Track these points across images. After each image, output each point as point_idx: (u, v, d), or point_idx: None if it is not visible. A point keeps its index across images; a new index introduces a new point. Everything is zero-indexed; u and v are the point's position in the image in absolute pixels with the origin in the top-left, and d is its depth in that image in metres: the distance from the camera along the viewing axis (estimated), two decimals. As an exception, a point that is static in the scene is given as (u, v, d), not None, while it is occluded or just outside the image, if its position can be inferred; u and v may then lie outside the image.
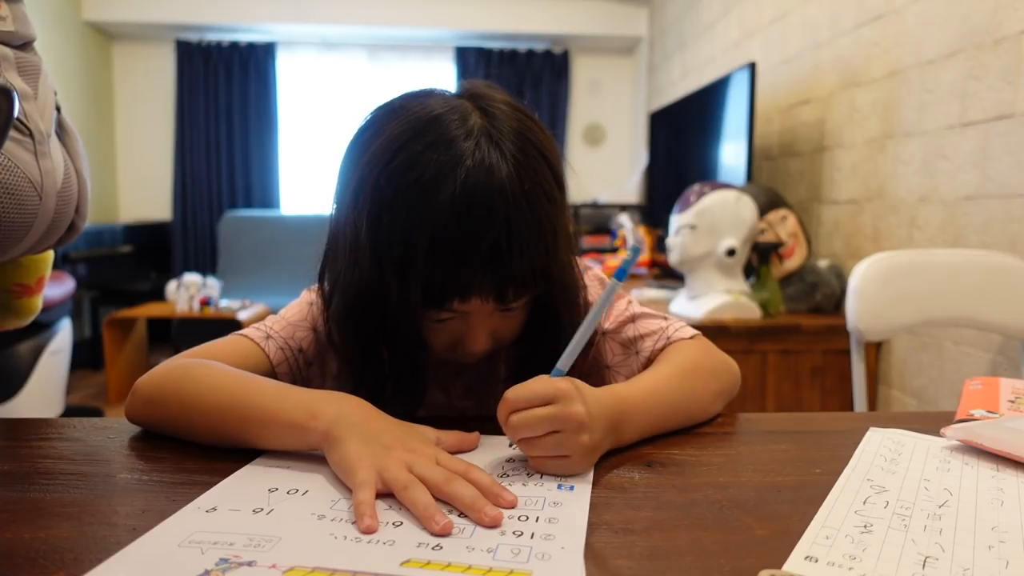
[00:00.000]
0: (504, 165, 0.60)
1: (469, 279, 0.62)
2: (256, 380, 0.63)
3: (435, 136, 0.61)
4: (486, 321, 0.67)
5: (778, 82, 2.56)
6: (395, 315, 0.64)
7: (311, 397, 0.59)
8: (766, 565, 0.41)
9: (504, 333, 0.70)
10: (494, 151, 0.61)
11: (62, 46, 4.20)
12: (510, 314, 0.68)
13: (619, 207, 4.07)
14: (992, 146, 1.50)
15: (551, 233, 0.63)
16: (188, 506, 0.49)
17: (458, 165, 0.59)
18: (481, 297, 0.63)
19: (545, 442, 0.54)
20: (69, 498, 0.51)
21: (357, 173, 0.64)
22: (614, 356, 0.78)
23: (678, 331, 0.76)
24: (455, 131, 0.61)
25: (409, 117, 0.62)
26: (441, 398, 0.79)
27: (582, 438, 0.54)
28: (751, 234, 1.92)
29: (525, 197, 0.61)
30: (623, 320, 0.78)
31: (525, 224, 0.61)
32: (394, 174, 0.60)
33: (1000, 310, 1.27)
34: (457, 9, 4.54)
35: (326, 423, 0.55)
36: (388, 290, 0.63)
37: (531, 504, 0.49)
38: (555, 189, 0.65)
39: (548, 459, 0.54)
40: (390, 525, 0.46)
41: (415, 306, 0.63)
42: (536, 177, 0.62)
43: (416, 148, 0.60)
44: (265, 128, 4.83)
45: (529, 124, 0.65)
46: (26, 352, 2.59)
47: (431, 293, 0.62)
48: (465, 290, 0.62)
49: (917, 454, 0.60)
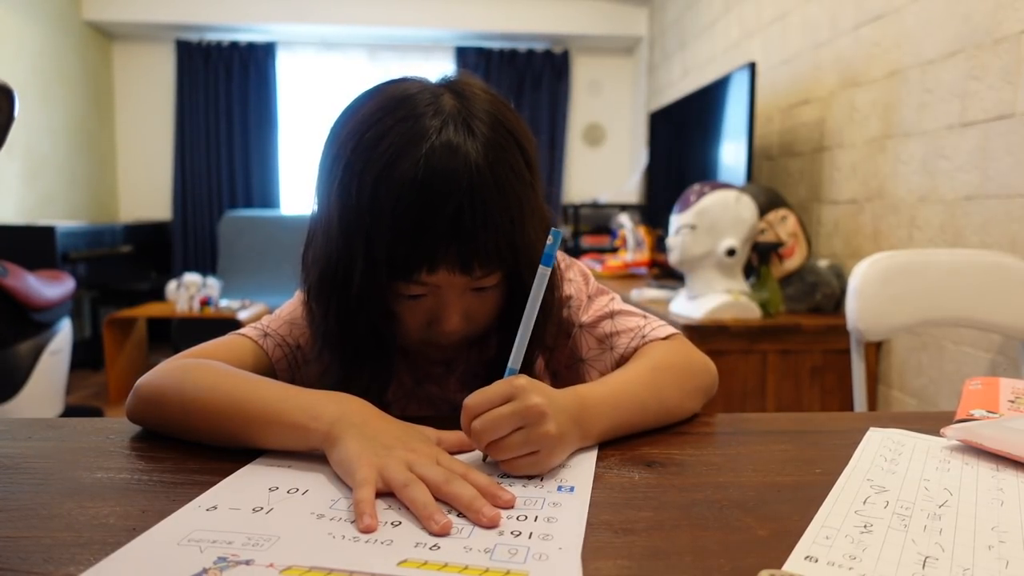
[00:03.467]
0: (471, 141, 0.62)
1: (433, 248, 0.62)
2: (256, 380, 0.63)
3: (405, 112, 0.63)
4: (459, 300, 0.67)
5: (778, 82, 2.56)
6: (361, 286, 0.65)
7: (312, 398, 0.59)
8: (766, 565, 0.41)
9: (478, 315, 0.69)
10: (462, 127, 0.62)
11: (62, 46, 4.20)
12: (483, 295, 0.68)
13: (619, 207, 4.07)
14: (992, 146, 1.50)
15: (517, 208, 0.64)
16: (188, 505, 0.49)
17: (425, 138, 0.61)
18: (447, 268, 0.63)
19: (512, 441, 0.54)
20: (68, 498, 0.51)
21: (333, 151, 0.66)
22: (590, 350, 0.78)
23: (655, 330, 0.76)
24: (424, 108, 0.63)
25: (384, 97, 0.65)
26: (436, 391, 0.79)
27: (547, 428, 0.54)
28: (751, 234, 1.92)
29: (490, 169, 0.62)
30: (601, 315, 0.78)
31: (489, 196, 0.62)
32: (364, 147, 0.62)
33: (1000, 310, 1.27)
34: (457, 9, 4.53)
35: (327, 424, 0.55)
36: (354, 260, 0.64)
37: (530, 504, 0.49)
38: (524, 169, 0.66)
39: (519, 459, 0.54)
40: (388, 525, 0.46)
41: (381, 276, 0.64)
42: (503, 154, 0.63)
43: (387, 123, 0.62)
44: (265, 128, 4.83)
45: (502, 108, 0.67)
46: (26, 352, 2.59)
47: (397, 263, 0.63)
48: (430, 260, 0.63)
49: (917, 454, 0.60)
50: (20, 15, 3.84)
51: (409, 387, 0.80)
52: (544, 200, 0.70)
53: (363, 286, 0.65)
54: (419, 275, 0.64)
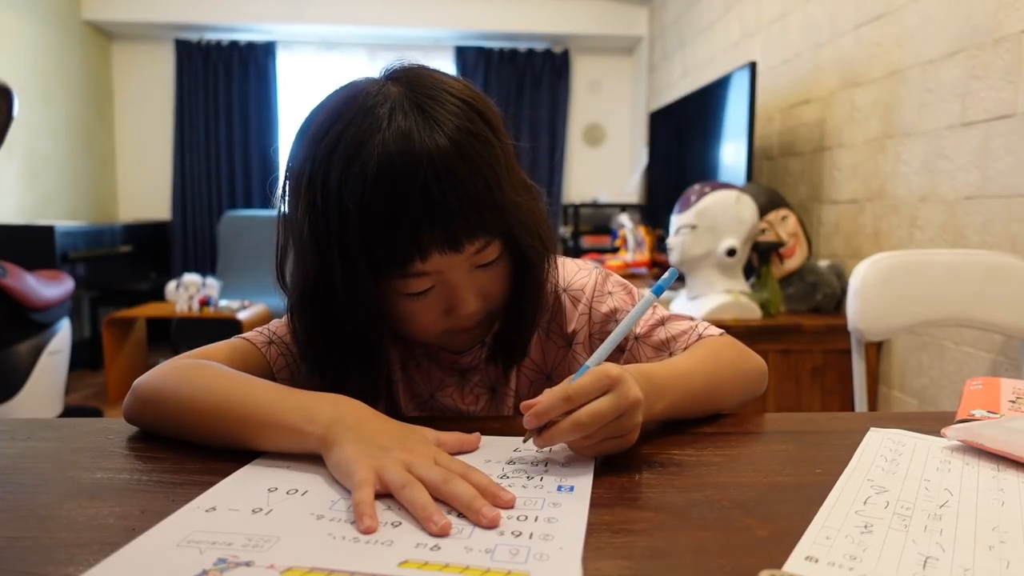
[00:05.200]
0: (424, 121, 0.61)
1: (416, 234, 0.61)
2: (253, 382, 0.63)
3: (355, 110, 0.62)
4: (467, 279, 0.66)
5: (778, 82, 2.56)
6: (345, 295, 0.64)
7: (308, 400, 0.59)
8: (766, 565, 0.41)
9: (490, 289, 0.69)
10: (412, 110, 0.62)
11: (62, 45, 4.20)
12: (490, 270, 0.68)
13: (619, 207, 4.07)
14: (993, 146, 1.50)
15: (488, 171, 0.63)
16: (188, 505, 0.48)
17: (376, 130, 0.61)
18: (438, 249, 0.62)
19: (604, 430, 0.55)
20: (68, 498, 0.51)
21: (294, 168, 0.66)
22: (648, 359, 0.79)
23: (707, 329, 0.78)
24: (372, 101, 0.63)
25: (332, 103, 0.65)
26: (450, 402, 0.79)
27: (638, 418, 0.56)
28: (751, 234, 1.92)
29: (451, 142, 0.61)
30: (653, 324, 0.79)
31: (455, 168, 0.61)
32: (323, 156, 0.62)
33: (1001, 310, 1.27)
34: (457, 9, 4.53)
35: (323, 427, 0.55)
36: (332, 270, 0.63)
37: (530, 504, 0.49)
38: (487, 131, 0.64)
39: (603, 443, 0.55)
40: (388, 525, 0.46)
41: (365, 281, 0.63)
42: (462, 123, 0.62)
43: (339, 127, 0.62)
44: (265, 128, 4.83)
45: (451, 82, 0.66)
46: (25, 352, 2.59)
47: (384, 259, 0.62)
48: (417, 246, 0.61)
49: (918, 454, 0.60)
50: (20, 15, 3.84)
51: (424, 398, 0.79)
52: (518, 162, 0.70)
53: (347, 296, 0.64)
54: (413, 265, 0.63)
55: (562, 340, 0.81)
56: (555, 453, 0.59)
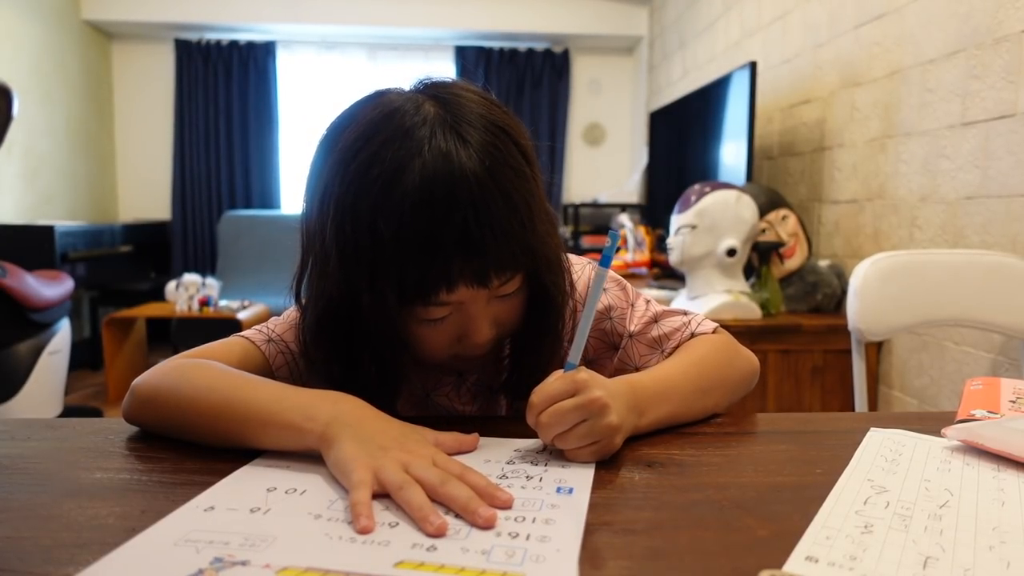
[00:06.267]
0: (463, 147, 0.59)
1: (447, 266, 0.60)
2: (253, 380, 0.63)
3: (391, 131, 0.60)
4: (485, 309, 0.65)
5: (778, 82, 2.56)
6: (370, 321, 0.63)
7: (308, 398, 0.59)
8: (766, 565, 0.41)
9: (505, 318, 0.68)
10: (451, 135, 0.59)
11: (61, 45, 4.20)
12: (507, 300, 0.67)
13: (619, 207, 4.07)
14: (993, 146, 1.50)
15: (524, 207, 0.62)
16: (186, 505, 0.49)
17: (416, 155, 0.58)
18: (465, 283, 0.61)
19: (577, 432, 0.56)
20: (67, 498, 0.50)
21: (320, 184, 0.63)
22: (642, 357, 0.79)
23: (700, 325, 0.79)
24: (410, 121, 0.60)
25: (365, 120, 0.62)
26: (446, 403, 0.79)
27: (610, 419, 0.57)
28: (751, 234, 1.92)
29: (489, 173, 0.59)
30: (647, 321, 0.79)
31: (493, 201, 0.59)
32: (355, 177, 0.60)
33: (1001, 310, 1.27)
34: (457, 9, 4.53)
35: (322, 425, 0.55)
36: (358, 295, 0.62)
37: (528, 506, 0.49)
38: (522, 163, 0.63)
39: (582, 449, 0.57)
40: (386, 526, 0.46)
41: (392, 307, 0.62)
42: (499, 154, 0.61)
43: (373, 147, 0.59)
44: (265, 128, 4.83)
45: (487, 104, 0.64)
46: (25, 352, 2.59)
47: (410, 290, 0.61)
48: (446, 278, 0.60)
49: (918, 454, 0.59)
50: (19, 15, 3.84)
51: (419, 397, 0.79)
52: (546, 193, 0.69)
53: (371, 320, 0.63)
54: (438, 296, 0.62)
55: None
56: (556, 454, 0.59)
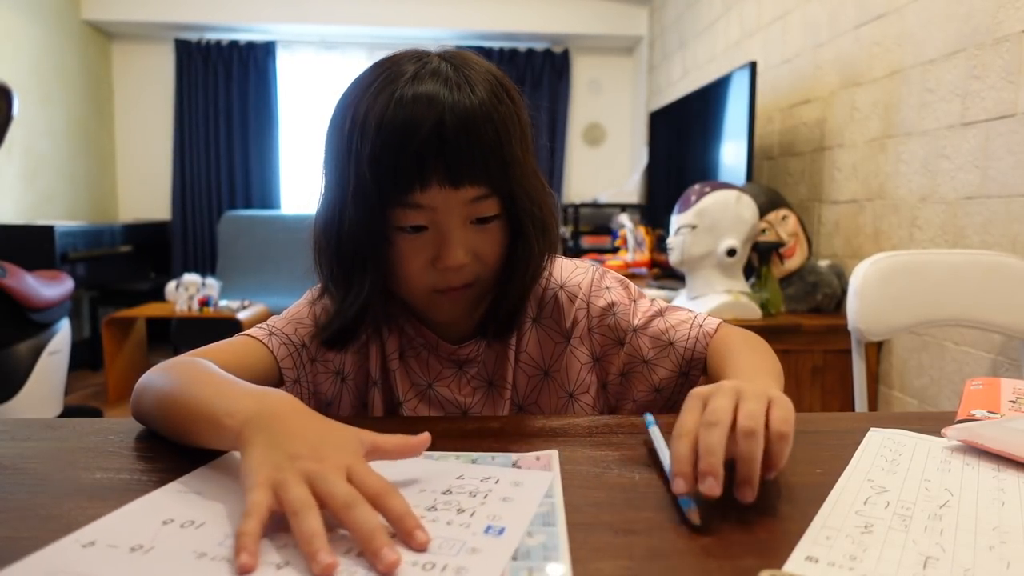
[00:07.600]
0: (457, 75, 0.66)
1: (421, 158, 0.64)
2: (210, 377, 0.60)
3: (395, 69, 0.67)
4: (459, 229, 0.68)
5: (778, 82, 2.56)
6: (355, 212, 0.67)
7: (237, 393, 0.55)
8: (766, 565, 0.41)
9: (482, 251, 0.70)
10: (449, 68, 0.67)
11: (61, 45, 4.20)
12: (485, 230, 0.69)
13: (619, 207, 4.07)
14: (993, 146, 1.50)
15: (502, 126, 0.66)
16: (67, 538, 0.44)
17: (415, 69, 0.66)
18: (438, 181, 0.65)
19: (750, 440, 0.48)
20: (68, 499, 0.50)
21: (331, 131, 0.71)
22: (649, 350, 0.80)
23: (707, 320, 0.81)
24: (414, 53, 0.69)
25: (376, 65, 0.70)
26: (447, 393, 0.79)
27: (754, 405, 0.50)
28: (751, 234, 1.92)
29: (472, 91, 0.66)
30: (651, 315, 0.81)
31: (472, 110, 0.65)
32: (357, 102, 0.67)
33: (1001, 310, 1.27)
34: (457, 9, 4.53)
35: (240, 422, 0.51)
36: (346, 190, 0.67)
37: (444, 549, 0.42)
38: (512, 106, 0.69)
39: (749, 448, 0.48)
40: (272, 567, 0.40)
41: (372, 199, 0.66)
42: (490, 87, 0.67)
43: (379, 69, 0.68)
44: (265, 128, 4.82)
45: (493, 68, 0.71)
46: (25, 352, 2.59)
47: (388, 177, 0.65)
48: (419, 172, 0.64)
49: (918, 454, 0.60)
50: (19, 15, 3.84)
51: (422, 388, 0.79)
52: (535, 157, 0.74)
53: (356, 212, 0.67)
54: (413, 194, 0.65)
55: (560, 336, 0.81)
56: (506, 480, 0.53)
